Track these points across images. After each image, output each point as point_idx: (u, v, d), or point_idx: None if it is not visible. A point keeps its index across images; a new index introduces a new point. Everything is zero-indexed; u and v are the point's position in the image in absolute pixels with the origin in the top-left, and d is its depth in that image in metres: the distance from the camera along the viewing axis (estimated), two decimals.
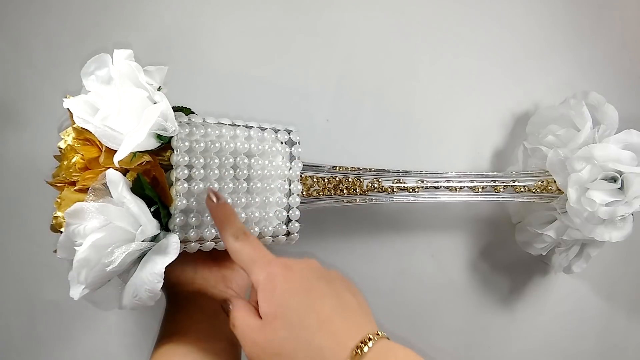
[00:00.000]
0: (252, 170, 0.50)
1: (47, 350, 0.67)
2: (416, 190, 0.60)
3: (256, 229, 0.50)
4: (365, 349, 0.39)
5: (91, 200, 0.42)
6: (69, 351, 0.68)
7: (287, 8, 0.67)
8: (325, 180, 0.56)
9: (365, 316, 0.43)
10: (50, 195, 0.47)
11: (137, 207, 0.42)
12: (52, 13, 0.63)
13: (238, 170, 0.49)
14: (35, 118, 0.63)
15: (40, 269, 0.66)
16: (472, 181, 0.62)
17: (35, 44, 0.63)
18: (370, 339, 0.40)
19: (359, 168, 0.58)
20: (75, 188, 0.44)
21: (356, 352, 0.39)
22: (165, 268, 0.42)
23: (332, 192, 0.57)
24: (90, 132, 0.43)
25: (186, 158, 0.46)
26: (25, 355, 0.67)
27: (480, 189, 0.62)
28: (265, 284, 0.43)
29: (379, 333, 0.41)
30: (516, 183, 0.64)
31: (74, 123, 0.44)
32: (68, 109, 0.44)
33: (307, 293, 0.42)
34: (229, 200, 0.48)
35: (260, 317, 0.42)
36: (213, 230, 0.48)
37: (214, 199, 0.46)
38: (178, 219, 0.46)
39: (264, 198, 0.51)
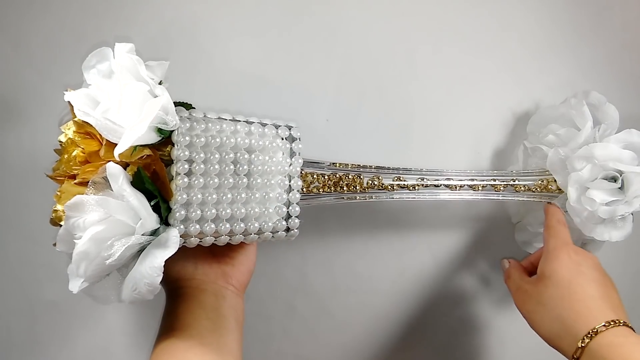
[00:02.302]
0: (253, 166, 0.50)
1: (47, 350, 0.67)
2: (416, 188, 0.60)
3: (256, 225, 0.50)
4: (609, 326, 0.51)
5: (91, 194, 0.42)
6: (69, 351, 0.68)
7: (288, 6, 0.67)
8: (326, 177, 0.56)
9: (620, 308, 0.55)
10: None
11: (137, 201, 0.42)
12: (52, 11, 0.63)
13: (238, 165, 0.49)
14: (36, 116, 0.63)
15: (40, 269, 0.66)
16: (472, 180, 0.62)
17: (35, 41, 0.63)
18: (616, 322, 0.51)
19: (359, 165, 0.58)
20: (75, 181, 0.44)
21: (603, 326, 0.51)
22: (166, 263, 0.42)
23: (332, 189, 0.57)
24: (91, 126, 0.43)
25: (187, 152, 0.46)
26: (25, 355, 0.67)
27: (480, 188, 0.62)
28: (553, 251, 0.58)
29: (628, 323, 0.52)
30: (516, 182, 0.64)
31: (75, 116, 0.44)
32: (69, 102, 0.44)
33: (579, 274, 0.55)
34: (229, 195, 0.49)
35: (528, 276, 0.61)
36: (213, 225, 0.48)
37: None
38: (178, 213, 0.46)
39: (264, 194, 0.51)
